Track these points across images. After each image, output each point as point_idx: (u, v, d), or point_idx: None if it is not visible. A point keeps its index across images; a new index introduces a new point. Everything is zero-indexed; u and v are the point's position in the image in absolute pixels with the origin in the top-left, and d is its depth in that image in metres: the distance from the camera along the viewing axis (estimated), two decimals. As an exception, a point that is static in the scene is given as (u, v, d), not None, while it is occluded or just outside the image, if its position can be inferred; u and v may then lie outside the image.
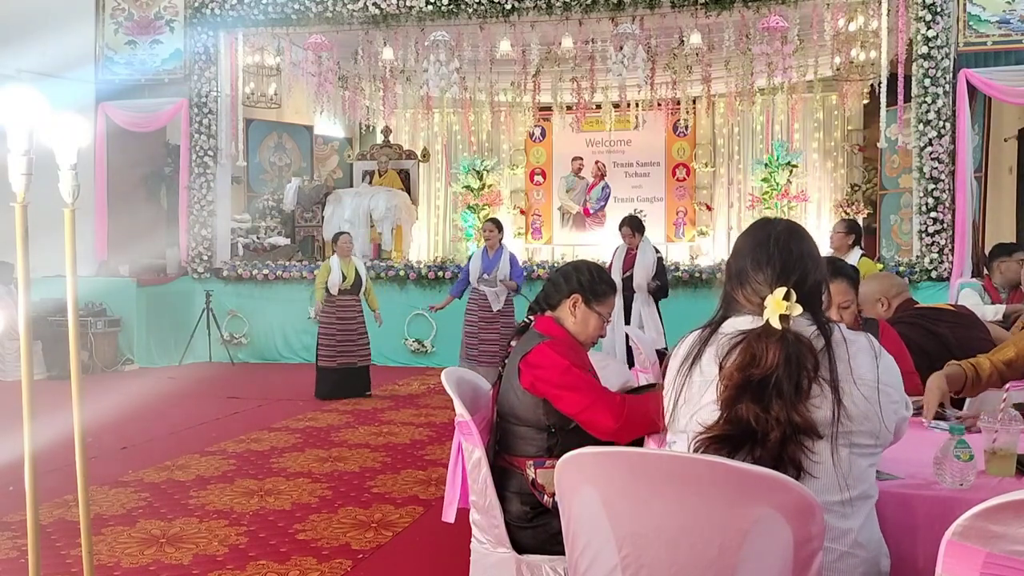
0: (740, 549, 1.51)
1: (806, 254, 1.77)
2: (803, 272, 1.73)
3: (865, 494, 1.69)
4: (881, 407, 1.66)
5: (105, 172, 10.19)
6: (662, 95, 11.91)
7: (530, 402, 2.45)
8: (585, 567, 1.69)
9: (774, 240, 1.77)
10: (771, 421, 1.60)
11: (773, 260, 1.74)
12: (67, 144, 1.99)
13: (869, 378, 1.66)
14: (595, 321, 2.61)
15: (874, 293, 3.68)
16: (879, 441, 1.69)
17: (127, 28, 10.24)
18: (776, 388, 1.61)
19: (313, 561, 3.46)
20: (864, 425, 1.65)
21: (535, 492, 2.44)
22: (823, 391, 1.62)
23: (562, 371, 2.41)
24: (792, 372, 1.61)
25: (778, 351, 1.62)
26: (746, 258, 1.78)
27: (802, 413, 1.60)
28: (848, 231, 7.00)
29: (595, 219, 13.38)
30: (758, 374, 1.62)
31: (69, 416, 2.09)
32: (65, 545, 3.62)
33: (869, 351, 1.70)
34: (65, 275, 2.07)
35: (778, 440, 1.60)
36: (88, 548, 2.19)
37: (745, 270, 1.77)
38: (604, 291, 2.63)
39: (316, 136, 13.08)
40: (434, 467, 5.02)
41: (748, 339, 1.65)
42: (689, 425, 1.72)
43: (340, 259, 7.54)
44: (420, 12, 9.30)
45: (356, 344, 7.53)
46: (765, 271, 1.73)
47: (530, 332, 2.59)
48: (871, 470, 1.70)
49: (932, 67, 8.29)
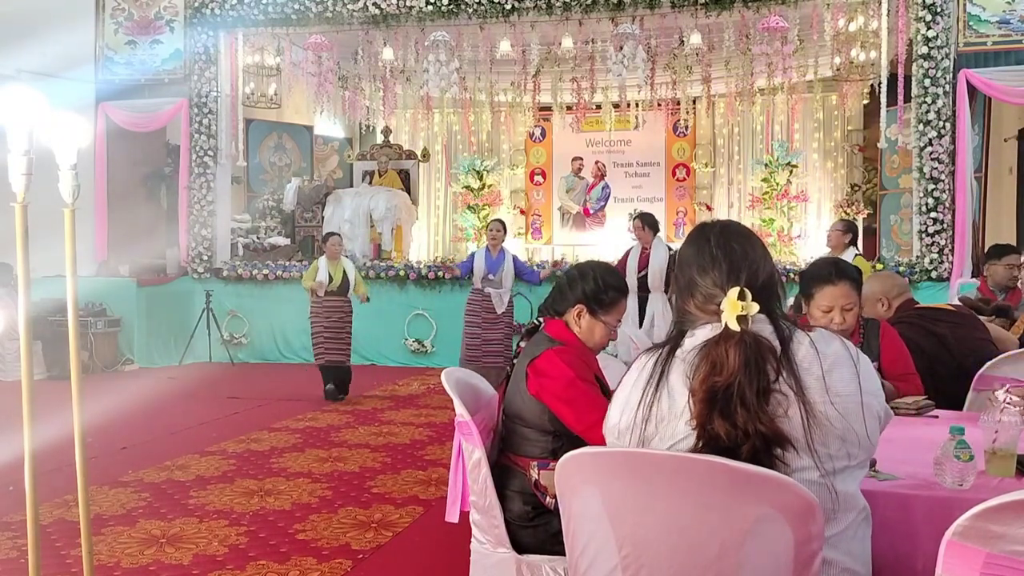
0: (740, 549, 1.51)
1: (749, 250, 1.68)
2: (752, 268, 1.64)
3: (860, 518, 1.61)
4: (866, 423, 1.57)
5: (105, 172, 10.19)
6: (662, 95, 11.91)
7: (536, 407, 2.45)
8: (585, 567, 1.69)
9: (715, 241, 1.69)
10: (739, 435, 1.51)
11: (718, 261, 1.66)
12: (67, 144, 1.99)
13: (848, 392, 1.56)
14: (601, 330, 2.55)
15: (875, 293, 3.67)
16: (861, 455, 1.59)
17: (127, 28, 10.24)
18: (739, 396, 1.51)
19: (313, 561, 3.46)
20: (841, 447, 1.55)
21: (537, 493, 2.44)
22: (788, 400, 1.53)
23: (566, 384, 2.39)
24: (752, 376, 1.52)
25: (738, 354, 1.52)
26: (691, 267, 1.69)
27: (767, 423, 1.51)
28: (845, 231, 7.02)
29: (595, 219, 13.39)
30: (721, 382, 1.52)
31: (69, 416, 2.09)
32: (65, 545, 3.62)
33: (847, 361, 1.59)
34: (65, 275, 2.07)
35: (750, 453, 1.51)
36: (88, 548, 2.19)
37: (692, 279, 1.68)
38: (611, 299, 2.55)
39: (316, 136, 13.08)
40: (434, 467, 5.02)
41: (708, 346, 1.57)
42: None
43: (328, 260, 7.54)
44: (420, 12, 9.30)
45: (344, 343, 7.55)
46: (712, 274, 1.65)
47: (540, 335, 2.56)
48: (857, 491, 1.61)
49: (932, 67, 8.29)
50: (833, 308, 2.77)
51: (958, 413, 2.90)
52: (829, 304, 2.77)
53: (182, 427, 6.24)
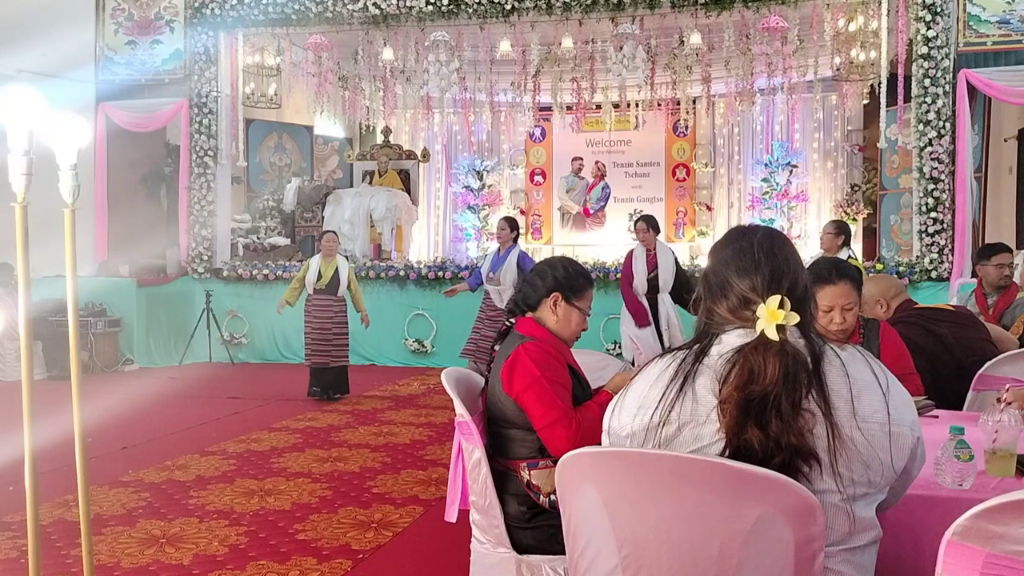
0: (740, 549, 1.51)
1: (791, 259, 1.64)
2: (793, 278, 1.61)
3: (874, 540, 1.60)
4: (892, 452, 1.54)
5: (105, 172, 10.19)
6: (662, 95, 11.91)
7: (515, 406, 2.46)
8: (585, 567, 1.69)
9: (758, 245, 1.63)
10: (771, 446, 1.49)
11: (760, 266, 1.60)
12: (67, 144, 1.99)
13: (876, 420, 1.53)
14: (577, 317, 2.59)
15: (873, 295, 3.69)
16: (883, 482, 1.57)
17: (127, 28, 10.24)
18: (776, 406, 1.49)
19: (313, 561, 3.46)
20: (864, 472, 1.52)
21: (531, 493, 2.44)
22: (815, 419, 1.50)
23: (531, 382, 2.40)
24: (789, 389, 1.49)
25: (777, 365, 1.49)
26: (728, 268, 1.63)
27: (798, 436, 1.49)
28: (838, 231, 7.00)
29: (595, 219, 13.39)
30: (758, 391, 1.49)
31: (69, 416, 2.09)
32: (65, 545, 3.62)
33: (876, 388, 1.55)
34: (65, 275, 2.07)
35: (779, 466, 1.49)
36: (88, 548, 2.19)
37: (728, 281, 1.62)
38: (582, 285, 2.62)
39: (316, 136, 13.08)
40: (434, 467, 5.02)
41: (744, 353, 1.53)
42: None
43: (322, 258, 7.53)
44: (420, 12, 9.30)
45: (332, 344, 7.49)
46: (753, 278, 1.60)
47: (512, 335, 2.58)
48: (874, 513, 1.60)
49: (932, 67, 8.29)
50: (834, 308, 2.77)
51: (958, 413, 2.90)
52: (830, 304, 2.77)
53: (182, 427, 6.24)
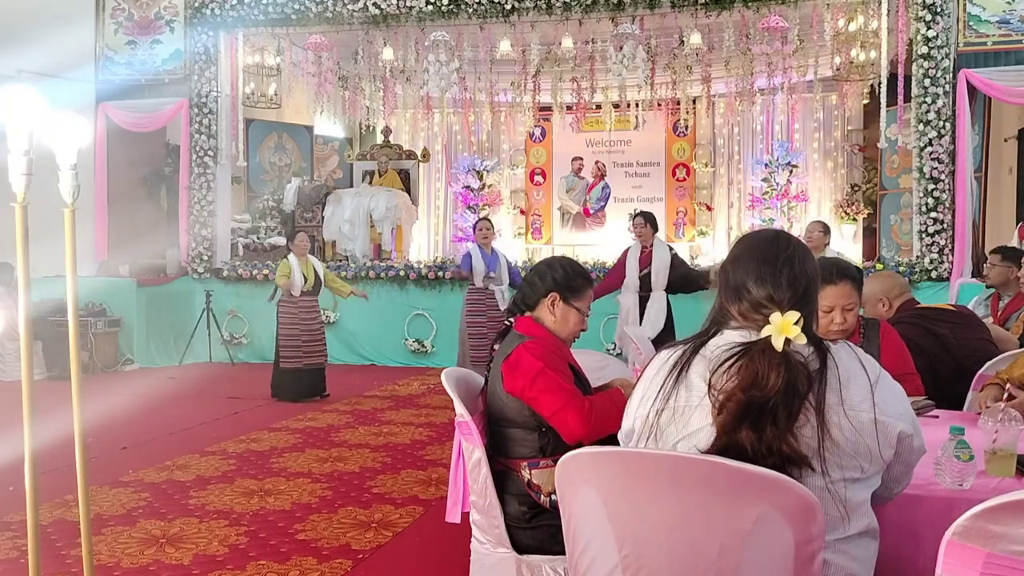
0: (740, 549, 1.51)
1: (814, 274, 1.69)
2: (811, 295, 1.66)
3: (867, 529, 1.62)
4: (879, 441, 1.58)
5: (105, 172, 10.19)
6: (662, 95, 11.91)
7: (516, 405, 2.46)
8: (585, 567, 1.69)
9: (786, 260, 1.65)
10: (763, 449, 1.53)
11: (781, 279, 1.63)
12: (67, 144, 1.99)
13: (863, 409, 1.57)
14: (575, 317, 2.61)
15: (876, 293, 3.67)
16: (872, 469, 1.61)
17: (127, 28, 10.24)
18: (772, 415, 1.53)
19: (313, 561, 3.46)
20: (852, 459, 1.57)
21: (531, 493, 2.44)
22: (808, 418, 1.55)
23: (536, 374, 2.41)
24: (788, 400, 1.54)
25: (780, 375, 1.53)
26: (748, 273, 1.66)
27: (790, 443, 1.53)
28: (826, 231, 7.04)
29: (595, 219, 13.40)
30: (759, 397, 1.53)
31: (69, 416, 2.09)
32: (65, 545, 3.62)
33: (864, 380, 1.60)
34: (65, 275, 2.07)
35: (769, 469, 1.52)
36: (88, 548, 2.19)
37: (744, 285, 1.65)
38: (580, 285, 2.63)
39: (316, 136, 13.07)
40: (434, 467, 5.02)
41: (751, 355, 1.56)
42: (679, 447, 1.65)
43: (298, 259, 7.50)
44: (420, 12, 9.29)
45: (321, 344, 7.54)
46: (771, 289, 1.63)
47: (511, 334, 2.59)
48: (867, 501, 1.63)
49: (932, 67, 8.29)
50: (834, 308, 2.76)
51: (958, 413, 2.90)
52: (830, 304, 2.76)
53: (182, 427, 6.23)
